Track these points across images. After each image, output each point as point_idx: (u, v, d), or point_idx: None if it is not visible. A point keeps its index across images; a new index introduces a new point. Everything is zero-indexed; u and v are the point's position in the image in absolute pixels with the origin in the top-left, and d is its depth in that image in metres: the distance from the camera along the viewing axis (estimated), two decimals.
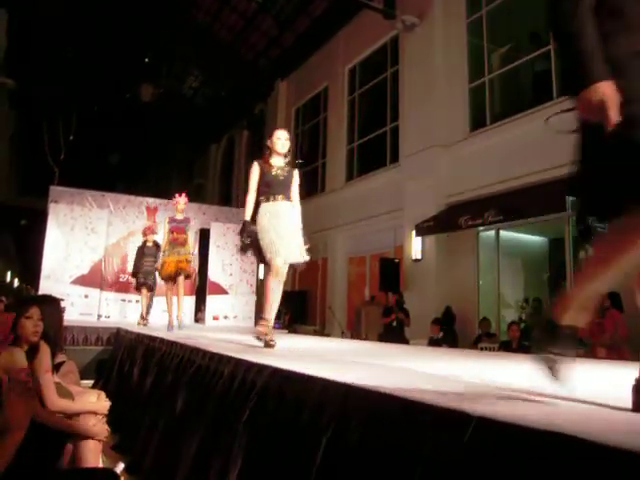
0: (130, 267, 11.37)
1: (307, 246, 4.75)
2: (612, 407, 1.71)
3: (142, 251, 9.64)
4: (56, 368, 4.32)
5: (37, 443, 2.74)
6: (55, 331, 3.55)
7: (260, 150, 19.63)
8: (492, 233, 9.91)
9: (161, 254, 8.24)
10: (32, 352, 2.97)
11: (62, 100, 17.10)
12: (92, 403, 3.25)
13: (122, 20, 15.77)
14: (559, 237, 9.34)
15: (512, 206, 8.68)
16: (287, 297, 14.91)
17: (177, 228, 8.12)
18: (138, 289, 9.65)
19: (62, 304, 9.57)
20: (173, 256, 7.95)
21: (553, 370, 1.90)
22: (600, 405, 1.75)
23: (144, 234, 9.81)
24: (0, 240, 19.21)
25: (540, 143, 8.48)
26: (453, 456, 1.39)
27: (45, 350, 3.11)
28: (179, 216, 8.28)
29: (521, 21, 10.09)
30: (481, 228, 9.65)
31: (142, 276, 9.38)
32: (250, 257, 5.03)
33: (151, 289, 9.60)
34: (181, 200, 8.37)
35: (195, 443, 2.95)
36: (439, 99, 10.60)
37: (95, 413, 3.35)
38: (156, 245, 9.45)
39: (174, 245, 8.01)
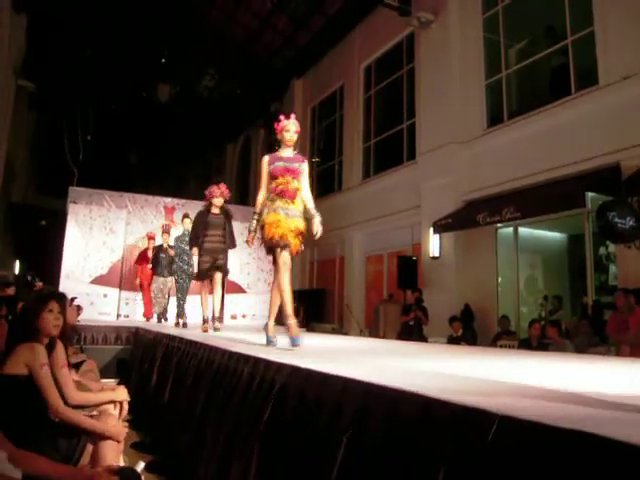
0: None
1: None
2: (635, 405, 1.69)
3: (204, 220, 6.95)
4: (76, 367, 4.38)
5: (58, 442, 2.77)
6: (69, 327, 3.61)
7: (277, 149, 19.45)
8: (510, 230, 9.84)
9: (255, 217, 4.57)
10: (51, 346, 3.02)
11: (80, 101, 17.25)
12: (111, 394, 3.34)
13: (138, 21, 15.87)
14: (578, 233, 9.26)
15: (530, 202, 8.60)
16: (304, 295, 14.98)
17: (286, 170, 4.48)
18: (204, 277, 7.08)
19: (81, 303, 9.68)
20: (276, 214, 4.41)
21: None
22: (623, 403, 1.73)
23: (209, 194, 7.04)
24: None
25: (558, 139, 8.42)
26: (476, 455, 1.38)
27: (60, 346, 3.15)
28: (287, 152, 4.60)
29: (537, 15, 9.99)
30: (499, 225, 9.58)
31: (209, 258, 6.84)
32: (267, 256, 4.75)
33: (225, 274, 7.25)
34: (291, 125, 4.56)
35: (216, 442, 2.95)
36: (455, 96, 10.54)
37: (116, 406, 3.40)
38: (226, 213, 7.11)
39: (275, 199, 4.45)
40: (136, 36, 16.24)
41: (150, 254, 10.92)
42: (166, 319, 10.34)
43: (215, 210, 7.04)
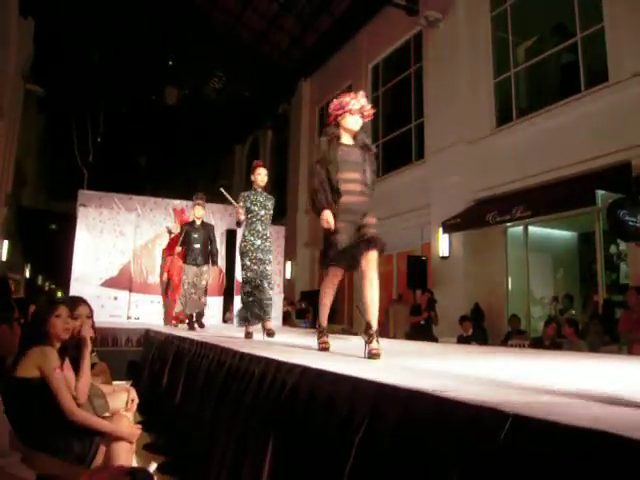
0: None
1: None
2: None
3: (332, 156, 3.85)
4: None
5: (71, 444, 2.78)
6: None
7: (285, 150, 19.54)
8: (520, 229, 9.80)
9: None
10: (64, 350, 3.04)
11: (89, 104, 17.33)
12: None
13: (145, 24, 15.92)
14: (589, 231, 9.21)
15: (540, 201, 8.56)
16: (313, 295, 14.96)
17: None
18: (341, 261, 4.04)
19: (92, 306, 9.68)
20: None
21: None
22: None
23: (338, 109, 3.90)
24: None
25: (568, 137, 8.38)
26: (488, 455, 1.37)
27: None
28: None
29: (546, 12, 9.95)
30: (509, 224, 9.54)
31: (348, 224, 3.91)
32: (277, 256, 4.63)
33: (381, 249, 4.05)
34: None
35: (228, 442, 2.95)
36: (464, 95, 10.51)
37: (127, 411, 3.41)
38: (364, 146, 3.94)
39: None
40: (143, 39, 16.30)
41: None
42: (201, 325, 8.02)
43: (347, 139, 3.95)
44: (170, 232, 10.90)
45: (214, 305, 11.19)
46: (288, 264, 15.78)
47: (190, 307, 7.84)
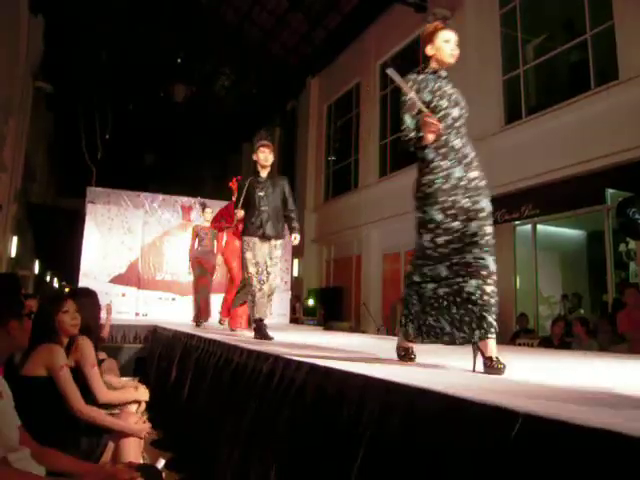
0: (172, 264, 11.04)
1: None
2: None
3: None
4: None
5: (80, 440, 2.79)
6: (94, 323, 3.62)
7: (293, 147, 19.42)
8: (529, 227, 9.76)
9: None
10: (71, 345, 3.04)
11: (98, 101, 17.37)
12: (134, 393, 3.54)
13: (154, 21, 15.95)
14: (598, 230, 9.16)
15: (549, 199, 8.53)
16: (322, 294, 14.99)
17: None
18: None
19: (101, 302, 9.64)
20: None
21: None
22: None
23: None
24: None
25: (577, 135, 8.33)
26: (499, 454, 1.37)
27: (88, 344, 3.16)
28: None
29: (555, 10, 9.90)
30: (517, 222, 9.50)
31: None
32: (284, 254, 4.41)
33: None
34: None
35: (235, 440, 2.96)
36: (473, 92, 10.42)
37: (136, 405, 3.44)
38: None
39: None
40: (152, 37, 16.33)
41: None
42: (266, 335, 4.80)
43: None
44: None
45: (219, 303, 11.16)
46: (295, 261, 15.80)
47: (257, 307, 4.98)
